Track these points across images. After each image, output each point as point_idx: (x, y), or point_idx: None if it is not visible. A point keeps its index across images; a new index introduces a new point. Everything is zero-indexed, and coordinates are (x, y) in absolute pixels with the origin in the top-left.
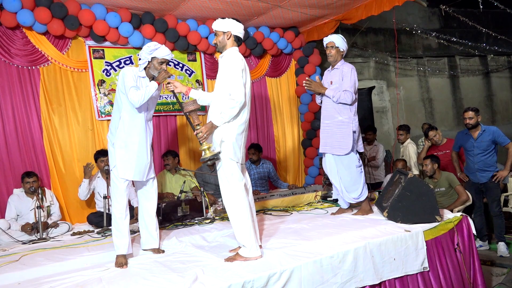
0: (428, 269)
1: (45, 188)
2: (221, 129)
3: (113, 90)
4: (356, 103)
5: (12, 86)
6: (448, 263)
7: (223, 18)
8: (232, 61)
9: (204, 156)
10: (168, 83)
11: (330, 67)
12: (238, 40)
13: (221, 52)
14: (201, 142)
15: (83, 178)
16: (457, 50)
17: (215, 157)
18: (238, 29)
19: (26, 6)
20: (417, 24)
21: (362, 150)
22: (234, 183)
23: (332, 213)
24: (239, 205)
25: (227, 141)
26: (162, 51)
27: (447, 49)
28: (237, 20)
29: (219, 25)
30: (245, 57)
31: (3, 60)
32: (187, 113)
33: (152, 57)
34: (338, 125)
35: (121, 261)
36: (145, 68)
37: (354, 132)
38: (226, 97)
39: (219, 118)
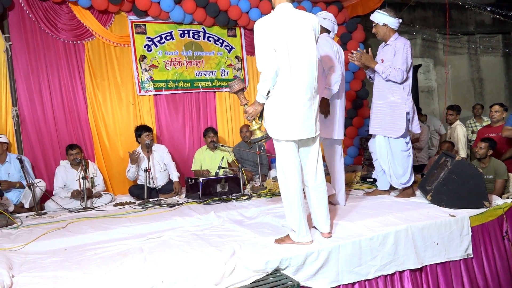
0: (472, 256)
1: (89, 161)
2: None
3: (154, 66)
4: (410, 82)
5: (59, 60)
6: (494, 251)
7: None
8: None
9: (254, 137)
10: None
11: (384, 43)
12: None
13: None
14: (251, 121)
15: (130, 164)
16: None
17: (266, 137)
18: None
19: None
20: None
21: (418, 131)
22: (285, 164)
23: (367, 193)
24: (289, 186)
25: (269, 119)
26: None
27: (503, 25)
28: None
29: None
30: None
31: (50, 35)
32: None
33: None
34: (391, 106)
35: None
36: None
37: (407, 113)
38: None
39: (258, 94)
